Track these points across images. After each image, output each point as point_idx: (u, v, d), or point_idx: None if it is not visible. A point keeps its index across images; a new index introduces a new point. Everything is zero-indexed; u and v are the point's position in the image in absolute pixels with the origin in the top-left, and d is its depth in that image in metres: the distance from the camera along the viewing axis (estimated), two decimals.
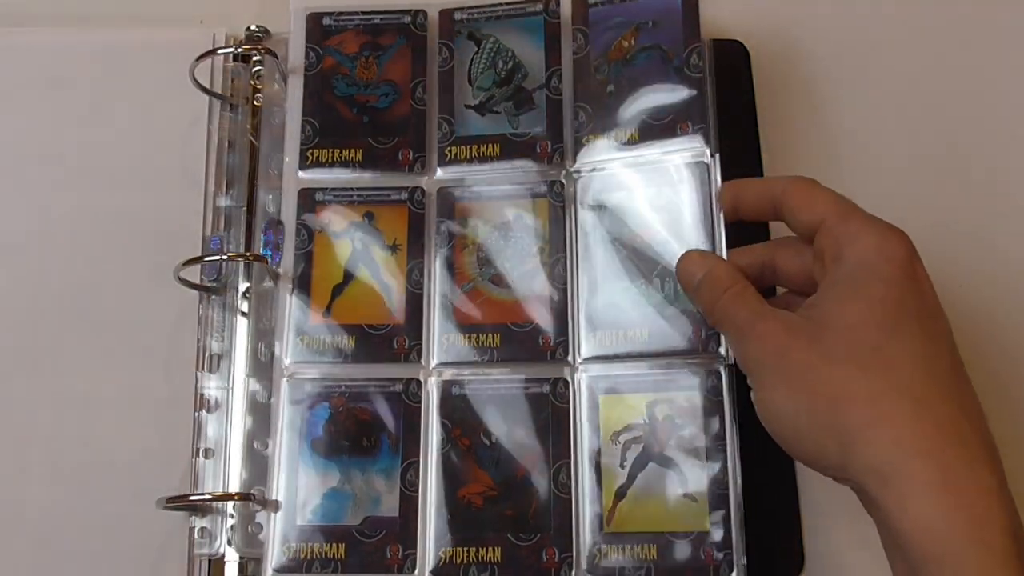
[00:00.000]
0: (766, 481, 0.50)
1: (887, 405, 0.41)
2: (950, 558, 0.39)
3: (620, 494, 0.50)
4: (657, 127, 0.54)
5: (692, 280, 0.49)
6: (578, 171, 0.55)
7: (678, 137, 0.53)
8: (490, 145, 0.56)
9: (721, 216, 0.51)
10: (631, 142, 0.54)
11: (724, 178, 0.55)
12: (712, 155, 0.53)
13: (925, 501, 0.39)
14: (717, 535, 0.49)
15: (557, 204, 0.54)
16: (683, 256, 0.50)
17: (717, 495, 0.49)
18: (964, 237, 0.60)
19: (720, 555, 0.49)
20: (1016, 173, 0.61)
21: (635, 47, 0.55)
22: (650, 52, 0.55)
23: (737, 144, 0.60)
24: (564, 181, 0.55)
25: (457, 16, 0.58)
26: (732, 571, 0.48)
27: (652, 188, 0.53)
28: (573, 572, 0.49)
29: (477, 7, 0.58)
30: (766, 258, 0.50)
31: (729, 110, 0.59)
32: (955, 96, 0.63)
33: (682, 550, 0.49)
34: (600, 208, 0.54)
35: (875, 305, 0.43)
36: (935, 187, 0.61)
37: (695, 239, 0.51)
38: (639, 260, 0.52)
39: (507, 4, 0.58)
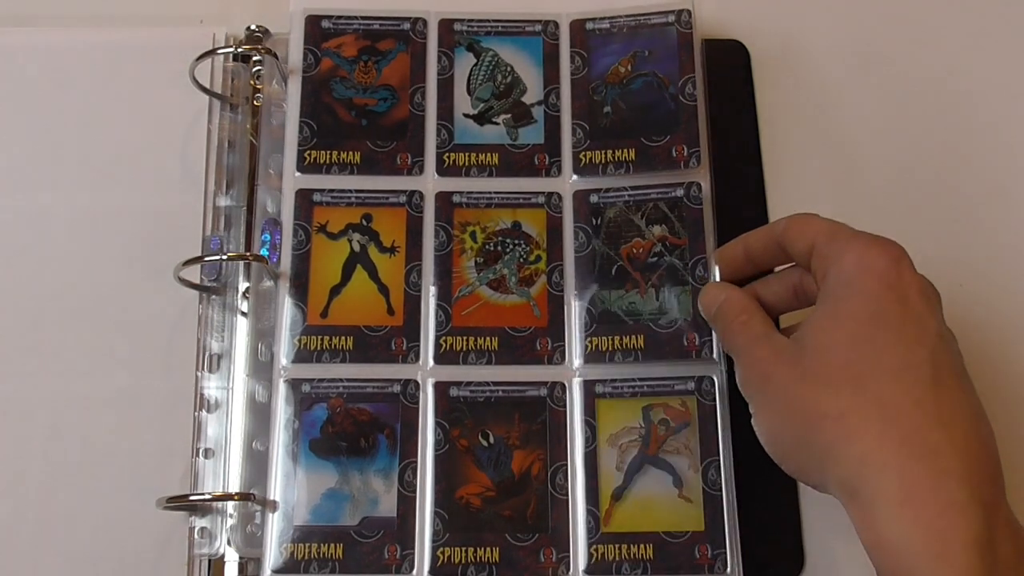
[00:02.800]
0: (766, 481, 0.50)
1: (856, 421, 0.41)
2: (910, 575, 0.38)
3: (617, 495, 0.51)
4: (652, 148, 0.56)
5: (710, 311, 0.50)
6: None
7: (673, 161, 0.55)
8: (489, 154, 0.56)
9: (714, 260, 0.53)
10: (628, 161, 0.56)
11: (724, 179, 0.56)
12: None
13: (887, 516, 0.39)
14: (711, 535, 0.50)
15: (555, 215, 0.55)
16: (703, 288, 0.52)
17: (711, 496, 0.50)
18: (965, 236, 0.60)
19: (714, 554, 0.49)
20: (1018, 172, 0.61)
21: (632, 73, 0.57)
22: (647, 79, 0.57)
23: (737, 144, 0.60)
24: (561, 193, 0.56)
25: (457, 27, 0.59)
26: (726, 569, 0.49)
27: None
28: (570, 572, 0.50)
29: (476, 20, 0.59)
30: (795, 280, 0.50)
31: (729, 110, 0.60)
32: (956, 95, 0.63)
33: (677, 549, 0.50)
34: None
35: (848, 321, 0.43)
36: (936, 186, 0.61)
37: None
38: (635, 269, 0.54)
39: (506, 21, 0.59)
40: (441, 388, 0.52)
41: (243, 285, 0.55)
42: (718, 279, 0.53)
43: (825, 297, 0.45)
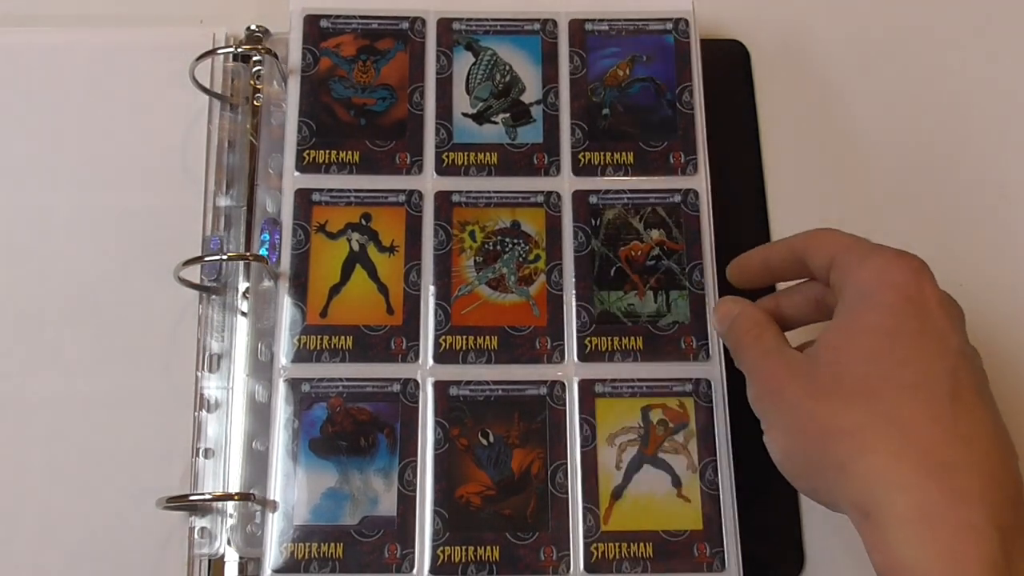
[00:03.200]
0: (766, 481, 0.50)
1: (870, 437, 0.40)
2: None
3: (616, 494, 0.51)
4: (651, 153, 0.56)
5: (723, 325, 0.50)
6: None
7: (671, 167, 0.56)
8: (488, 154, 0.56)
9: (729, 268, 0.53)
10: (626, 164, 0.56)
11: (723, 179, 0.56)
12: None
13: (901, 537, 0.38)
14: (710, 534, 0.50)
15: (554, 214, 0.55)
16: (718, 303, 0.51)
17: (709, 496, 0.50)
18: (965, 236, 0.60)
19: (713, 552, 0.50)
20: (1019, 170, 0.61)
21: (630, 77, 0.58)
22: (645, 84, 0.58)
23: (737, 145, 0.60)
24: (560, 193, 0.56)
25: (455, 26, 0.58)
26: (724, 568, 0.49)
27: None
28: (571, 570, 0.50)
29: (475, 19, 0.59)
30: (817, 293, 0.49)
31: (729, 110, 0.60)
32: (956, 94, 0.63)
33: (676, 548, 0.50)
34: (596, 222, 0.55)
35: (865, 334, 0.42)
36: (936, 186, 0.61)
37: None
38: (634, 271, 0.54)
39: (505, 20, 0.59)
40: (441, 387, 0.52)
41: (243, 285, 0.55)
42: (715, 286, 0.53)
43: (842, 310, 0.44)
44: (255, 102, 0.59)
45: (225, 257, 0.55)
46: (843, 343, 0.43)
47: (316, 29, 0.58)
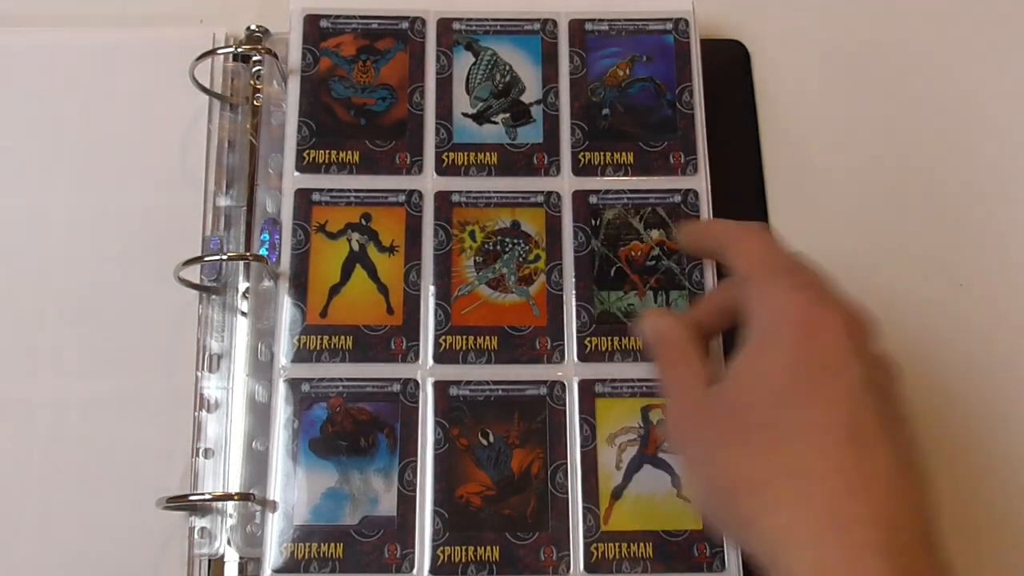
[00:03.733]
0: None
1: (771, 491, 0.38)
2: None
3: (616, 494, 0.51)
4: (651, 153, 0.56)
5: (649, 340, 0.47)
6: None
7: (670, 167, 0.56)
8: (488, 154, 0.56)
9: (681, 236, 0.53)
10: (626, 165, 0.56)
11: (723, 179, 0.56)
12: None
13: None
14: (710, 533, 0.50)
15: (554, 214, 0.55)
16: (644, 315, 0.48)
17: None
18: (964, 235, 0.60)
19: (712, 552, 0.50)
20: (1018, 170, 0.61)
21: (630, 77, 0.58)
22: (644, 84, 0.58)
23: (737, 145, 0.60)
24: (560, 193, 0.56)
25: (455, 26, 0.58)
26: (724, 568, 0.49)
27: None
28: (571, 570, 0.50)
29: (475, 19, 0.59)
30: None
31: (729, 110, 0.60)
32: (955, 94, 0.63)
33: (676, 548, 0.50)
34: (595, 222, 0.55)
35: (764, 378, 0.40)
36: (936, 186, 0.61)
37: None
38: (634, 271, 0.54)
39: (505, 20, 0.59)
40: (441, 387, 0.52)
41: (243, 285, 0.55)
42: (715, 286, 0.53)
43: (746, 344, 0.42)
44: (255, 102, 0.59)
45: (225, 257, 0.55)
46: (745, 384, 0.41)
47: (316, 29, 0.58)
